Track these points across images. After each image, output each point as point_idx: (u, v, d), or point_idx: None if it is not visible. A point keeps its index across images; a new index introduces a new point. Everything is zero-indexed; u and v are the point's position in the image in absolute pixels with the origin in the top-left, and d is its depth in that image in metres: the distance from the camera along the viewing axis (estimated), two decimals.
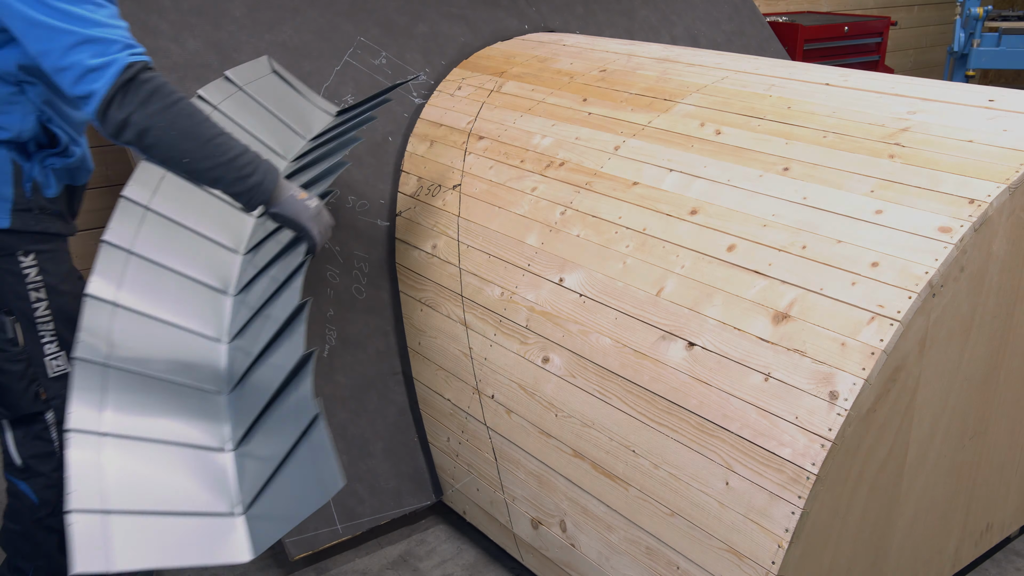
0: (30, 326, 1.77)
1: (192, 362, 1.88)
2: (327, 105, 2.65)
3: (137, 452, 1.65)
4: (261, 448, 1.69)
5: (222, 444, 1.74)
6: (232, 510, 1.63)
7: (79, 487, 1.54)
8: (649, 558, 1.85)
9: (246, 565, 2.34)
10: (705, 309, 1.87)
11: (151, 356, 1.83)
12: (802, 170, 1.96)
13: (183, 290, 1.98)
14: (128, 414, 1.70)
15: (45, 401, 1.82)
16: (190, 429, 1.74)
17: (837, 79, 2.27)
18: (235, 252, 2.13)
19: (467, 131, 2.76)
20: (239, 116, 2.37)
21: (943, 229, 1.67)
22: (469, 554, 2.34)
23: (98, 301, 1.84)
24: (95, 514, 1.52)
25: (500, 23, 3.25)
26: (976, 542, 2.18)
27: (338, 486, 1.47)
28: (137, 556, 1.48)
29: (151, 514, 1.56)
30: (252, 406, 1.74)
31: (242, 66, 2.56)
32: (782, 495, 1.62)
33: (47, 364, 1.81)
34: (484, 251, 2.42)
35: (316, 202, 1.83)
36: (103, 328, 1.81)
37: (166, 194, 2.10)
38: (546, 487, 2.11)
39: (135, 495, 1.58)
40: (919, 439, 1.81)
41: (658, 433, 1.86)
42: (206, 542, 1.59)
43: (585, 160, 2.36)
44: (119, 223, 1.99)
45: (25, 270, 1.74)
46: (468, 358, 2.37)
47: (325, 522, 2.27)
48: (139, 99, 1.55)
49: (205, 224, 2.13)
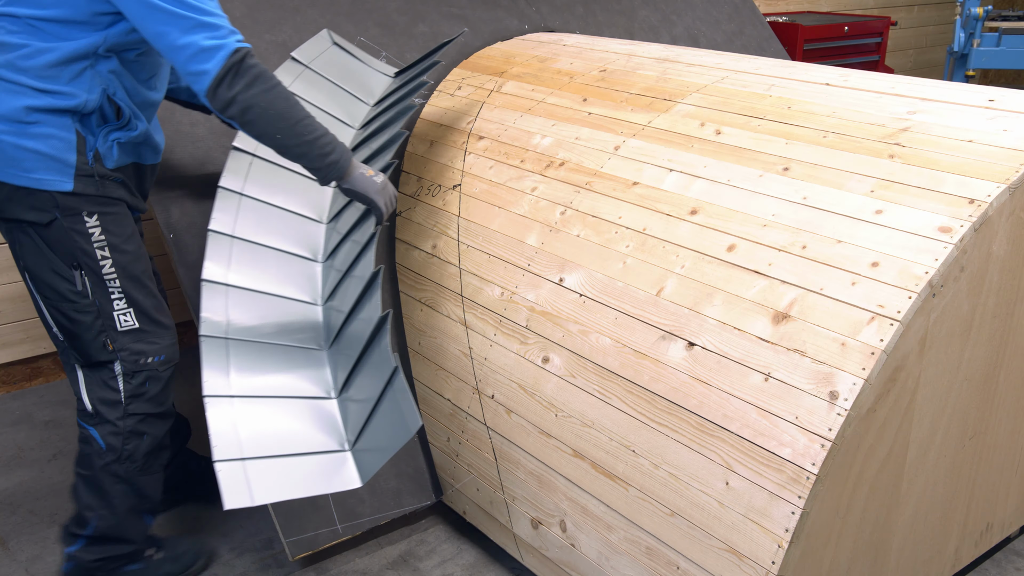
0: (98, 281, 1.96)
1: (295, 325, 2.19)
2: (386, 68, 2.83)
3: (261, 407, 1.98)
4: (357, 393, 1.99)
5: (328, 392, 2.06)
6: (342, 447, 1.94)
7: (220, 441, 1.85)
8: (649, 558, 1.85)
9: (247, 564, 2.34)
10: (705, 309, 1.87)
11: (261, 324, 2.14)
12: (802, 170, 1.96)
13: (281, 263, 2.28)
14: (249, 376, 2.03)
15: (112, 351, 2.01)
16: (301, 383, 2.06)
17: (837, 79, 2.27)
18: (319, 222, 2.40)
19: (467, 131, 2.76)
20: (307, 94, 2.59)
21: (943, 229, 1.67)
22: (469, 554, 2.34)
23: (213, 284, 2.16)
24: (235, 462, 1.84)
25: (500, 23, 3.25)
26: (976, 542, 2.18)
27: (418, 424, 1.76)
28: (272, 492, 1.82)
29: (279, 457, 1.88)
30: (347, 359, 2.05)
31: (305, 44, 2.72)
32: (782, 495, 1.63)
33: (116, 318, 1.99)
34: (484, 251, 2.42)
35: (382, 177, 2.05)
36: (220, 307, 2.13)
37: (255, 179, 2.38)
38: (546, 487, 2.11)
39: (264, 442, 1.90)
40: (919, 439, 1.81)
41: (658, 433, 1.86)
42: (324, 475, 1.89)
43: (585, 160, 2.36)
44: (220, 212, 2.28)
45: (90, 229, 1.93)
46: (468, 358, 2.37)
47: (325, 522, 2.27)
48: (246, 81, 1.79)
49: (291, 201, 2.40)
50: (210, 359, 2.03)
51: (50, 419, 3.14)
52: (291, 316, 2.21)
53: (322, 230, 2.40)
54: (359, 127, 2.65)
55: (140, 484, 2.12)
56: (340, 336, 2.13)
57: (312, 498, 2.27)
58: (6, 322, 3.25)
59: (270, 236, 2.31)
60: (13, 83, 1.84)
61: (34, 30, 1.83)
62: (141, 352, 2.04)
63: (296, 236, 2.35)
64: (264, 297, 2.21)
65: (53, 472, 2.81)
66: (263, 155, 2.45)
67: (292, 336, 2.17)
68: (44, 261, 1.94)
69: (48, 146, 1.87)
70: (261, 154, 2.45)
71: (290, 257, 2.31)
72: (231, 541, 2.46)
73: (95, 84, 1.89)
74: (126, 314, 2.00)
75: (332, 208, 2.44)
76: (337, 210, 2.39)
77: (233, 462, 1.86)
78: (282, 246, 2.31)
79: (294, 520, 2.24)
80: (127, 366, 2.02)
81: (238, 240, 2.26)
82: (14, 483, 2.76)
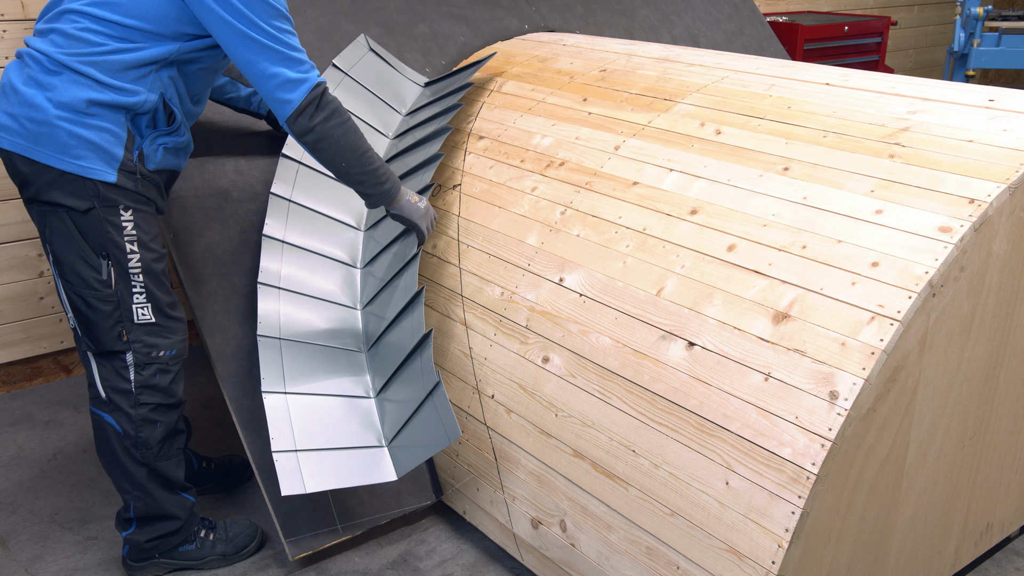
0: (123, 273, 2.04)
1: (338, 328, 2.39)
2: (416, 76, 2.97)
3: (309, 403, 2.20)
4: (397, 395, 2.21)
5: (367, 392, 2.29)
6: (380, 443, 2.19)
7: (277, 434, 2.11)
8: (649, 558, 1.85)
9: (246, 564, 2.34)
10: (705, 309, 1.87)
11: (309, 327, 2.35)
12: (802, 170, 1.96)
13: (325, 268, 2.47)
14: (299, 375, 2.25)
15: (126, 342, 2.07)
16: (343, 382, 2.28)
17: (837, 79, 2.27)
18: (358, 229, 2.59)
19: (467, 131, 2.76)
20: (347, 102, 2.74)
21: (943, 229, 1.67)
22: (469, 554, 2.34)
23: (268, 287, 2.35)
24: (290, 453, 2.09)
25: (500, 23, 3.25)
26: (976, 542, 2.18)
27: (457, 434, 1.99)
28: (319, 481, 2.08)
29: (325, 450, 2.13)
30: (387, 364, 2.27)
31: (345, 51, 2.85)
32: (782, 495, 1.62)
33: (134, 310, 2.06)
34: (484, 251, 2.42)
35: (425, 203, 2.26)
36: (274, 309, 2.33)
37: (301, 186, 2.55)
38: (546, 487, 2.11)
39: (312, 437, 2.14)
40: (919, 439, 1.80)
41: (658, 433, 1.85)
42: (364, 468, 2.14)
43: (585, 160, 2.36)
44: (273, 218, 2.46)
45: (124, 223, 2.02)
46: (468, 358, 2.37)
47: (325, 522, 2.27)
48: (325, 114, 1.98)
49: (333, 208, 2.58)
50: (267, 357, 2.24)
51: (50, 419, 3.14)
52: (333, 319, 2.40)
53: (360, 237, 2.58)
54: (393, 136, 2.80)
55: (159, 468, 2.18)
56: (379, 341, 2.34)
57: (311, 498, 2.27)
58: (6, 322, 3.25)
59: (315, 241, 2.49)
60: (83, 75, 1.92)
61: (114, 32, 1.93)
62: (154, 345, 2.09)
63: (337, 241, 2.53)
64: (310, 300, 2.40)
65: (53, 472, 2.81)
66: (308, 163, 2.57)
67: (334, 338, 2.36)
68: (74, 247, 2.00)
69: (100, 138, 1.95)
70: (307, 161, 2.58)
71: (333, 262, 2.49)
72: None
73: (155, 86, 2.00)
74: (144, 308, 2.07)
75: (369, 217, 2.60)
76: (375, 220, 2.57)
77: (288, 453, 2.10)
78: (325, 251, 2.49)
79: (294, 520, 2.24)
80: (139, 357, 2.09)
81: (288, 245, 2.44)
82: (14, 483, 2.76)
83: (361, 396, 2.28)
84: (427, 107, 2.81)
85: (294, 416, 2.18)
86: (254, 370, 2.36)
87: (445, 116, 2.68)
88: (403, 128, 2.81)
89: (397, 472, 2.14)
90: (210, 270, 2.42)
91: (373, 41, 2.93)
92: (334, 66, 2.80)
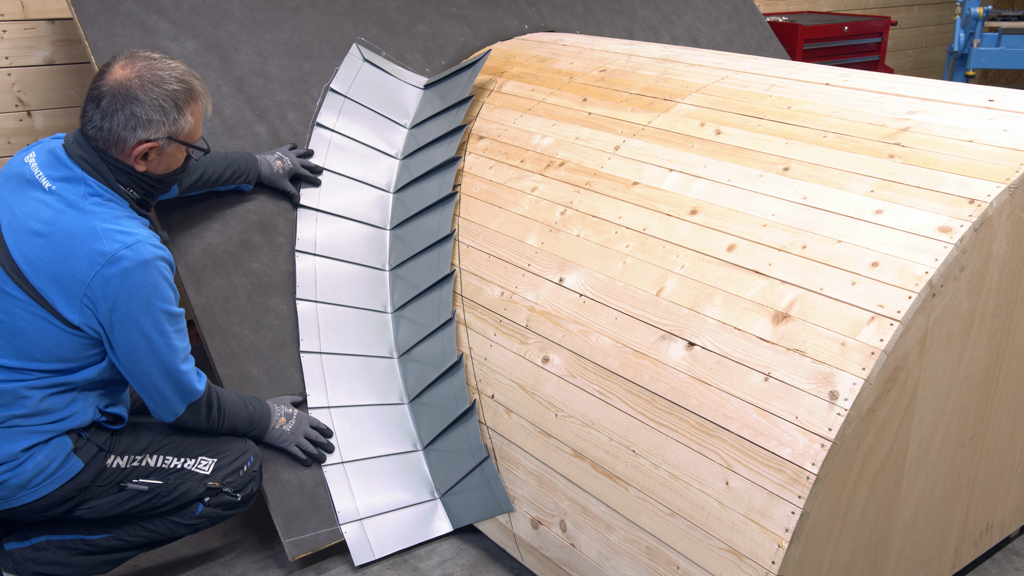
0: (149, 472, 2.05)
1: (369, 334, 2.53)
2: (415, 79, 2.96)
3: (364, 467, 2.34)
4: (444, 445, 2.35)
5: (415, 446, 2.42)
6: (433, 496, 2.35)
7: (343, 508, 2.27)
8: (649, 558, 1.85)
9: (247, 564, 2.34)
10: (705, 309, 1.87)
11: (344, 336, 2.49)
12: (802, 170, 1.96)
13: (355, 276, 2.59)
14: (352, 440, 2.36)
15: (218, 486, 2.10)
16: (392, 441, 2.40)
17: (837, 79, 2.27)
18: (383, 229, 2.71)
19: (467, 131, 2.76)
20: (350, 130, 2.78)
21: (943, 229, 1.67)
22: (469, 554, 2.34)
23: (305, 301, 2.49)
24: (356, 523, 2.26)
25: (500, 23, 3.25)
26: (976, 542, 2.18)
27: (510, 508, 2.19)
28: (385, 545, 2.26)
29: (385, 513, 2.29)
30: (432, 421, 2.39)
31: (340, 70, 2.83)
32: (782, 495, 1.62)
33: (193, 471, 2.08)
34: (484, 251, 2.42)
35: (292, 423, 2.29)
36: (313, 323, 2.46)
37: (325, 195, 2.65)
38: (546, 487, 2.11)
39: (372, 502, 2.30)
40: (919, 439, 1.80)
41: (658, 433, 1.85)
42: (421, 523, 2.31)
43: (585, 160, 2.36)
44: (303, 227, 2.57)
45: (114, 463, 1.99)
46: (468, 358, 2.37)
47: (325, 522, 2.27)
48: (212, 413, 2.07)
49: (360, 212, 2.68)
50: (310, 372, 2.39)
51: None
52: (366, 325, 2.53)
53: (387, 236, 2.70)
54: (402, 157, 2.81)
55: None
56: (411, 351, 2.49)
57: (311, 498, 2.27)
58: None
59: (345, 250, 2.60)
60: (12, 428, 1.85)
61: (27, 376, 1.86)
62: (235, 471, 2.11)
63: (366, 246, 2.64)
64: (345, 309, 2.53)
65: None
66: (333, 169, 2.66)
67: (366, 345, 2.50)
68: (106, 506, 1.99)
69: (47, 463, 1.89)
70: (336, 170, 2.65)
71: (363, 268, 2.61)
72: (231, 541, 2.45)
73: (88, 404, 1.93)
74: (197, 462, 2.07)
75: (395, 215, 2.71)
76: (401, 218, 2.67)
77: (354, 523, 2.26)
78: (355, 259, 2.61)
79: (294, 520, 2.24)
80: (235, 487, 2.11)
81: (320, 257, 2.56)
82: None
83: (409, 451, 2.39)
84: (433, 119, 2.79)
85: (353, 482, 2.29)
86: (254, 370, 2.36)
87: (451, 139, 2.70)
88: (411, 147, 2.80)
89: (452, 524, 2.30)
90: (210, 270, 2.42)
91: (366, 50, 2.90)
92: (332, 91, 2.78)
